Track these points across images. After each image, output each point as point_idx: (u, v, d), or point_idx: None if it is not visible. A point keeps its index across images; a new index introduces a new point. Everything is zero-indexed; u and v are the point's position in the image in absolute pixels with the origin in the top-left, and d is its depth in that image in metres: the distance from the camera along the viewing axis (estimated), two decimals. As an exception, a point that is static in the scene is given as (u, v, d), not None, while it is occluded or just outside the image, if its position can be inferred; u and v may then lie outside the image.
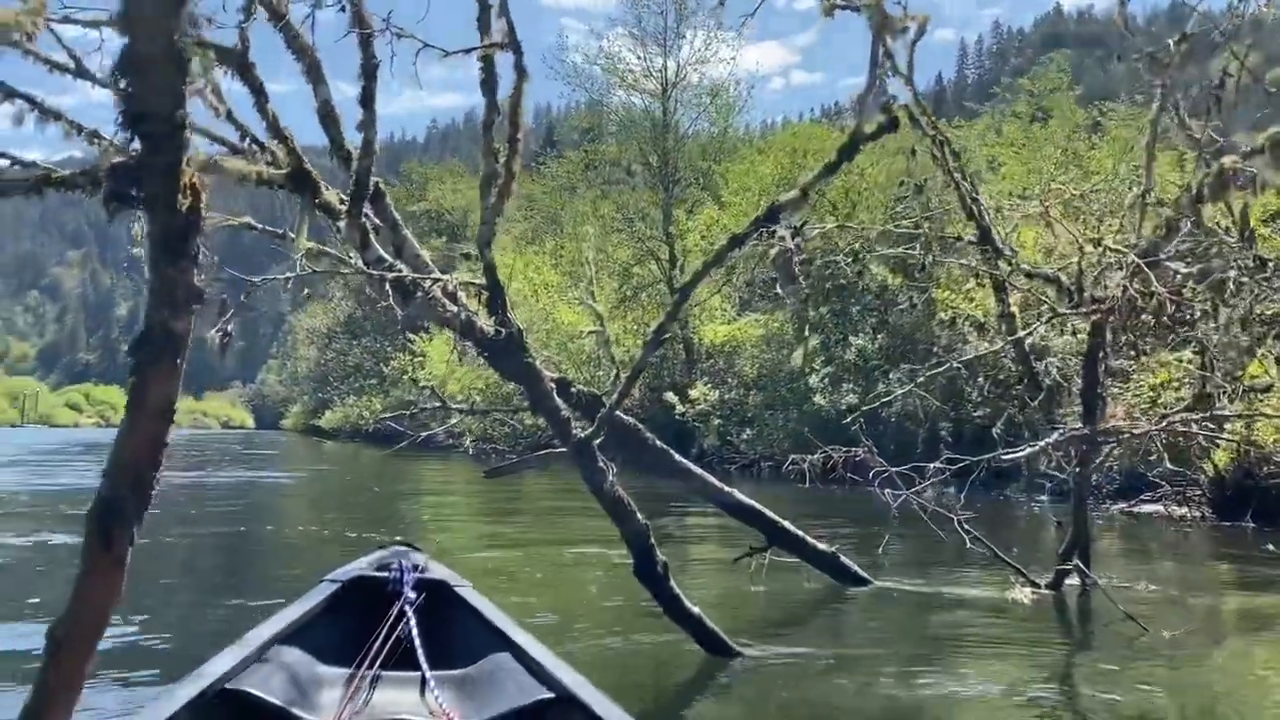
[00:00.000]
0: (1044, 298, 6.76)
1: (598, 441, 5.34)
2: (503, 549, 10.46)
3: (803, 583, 7.93)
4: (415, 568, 3.40)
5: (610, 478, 5.15)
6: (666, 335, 5.01)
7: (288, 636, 2.81)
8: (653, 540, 5.21)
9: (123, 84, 1.49)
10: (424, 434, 7.22)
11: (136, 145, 1.56)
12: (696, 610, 5.25)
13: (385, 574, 3.36)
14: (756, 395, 26.80)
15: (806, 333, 24.39)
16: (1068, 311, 6.45)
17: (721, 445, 26.95)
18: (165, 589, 7.57)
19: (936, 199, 9.07)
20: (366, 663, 2.64)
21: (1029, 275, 6.66)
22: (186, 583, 8.24)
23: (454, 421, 7.71)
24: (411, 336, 40.47)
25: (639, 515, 5.20)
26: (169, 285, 1.62)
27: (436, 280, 4.87)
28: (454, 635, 3.12)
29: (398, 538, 4.55)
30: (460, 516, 15.08)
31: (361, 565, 3.52)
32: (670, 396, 28.20)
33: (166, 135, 1.51)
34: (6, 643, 5.56)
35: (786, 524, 7.78)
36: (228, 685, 2.40)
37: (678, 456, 7.40)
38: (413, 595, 3.16)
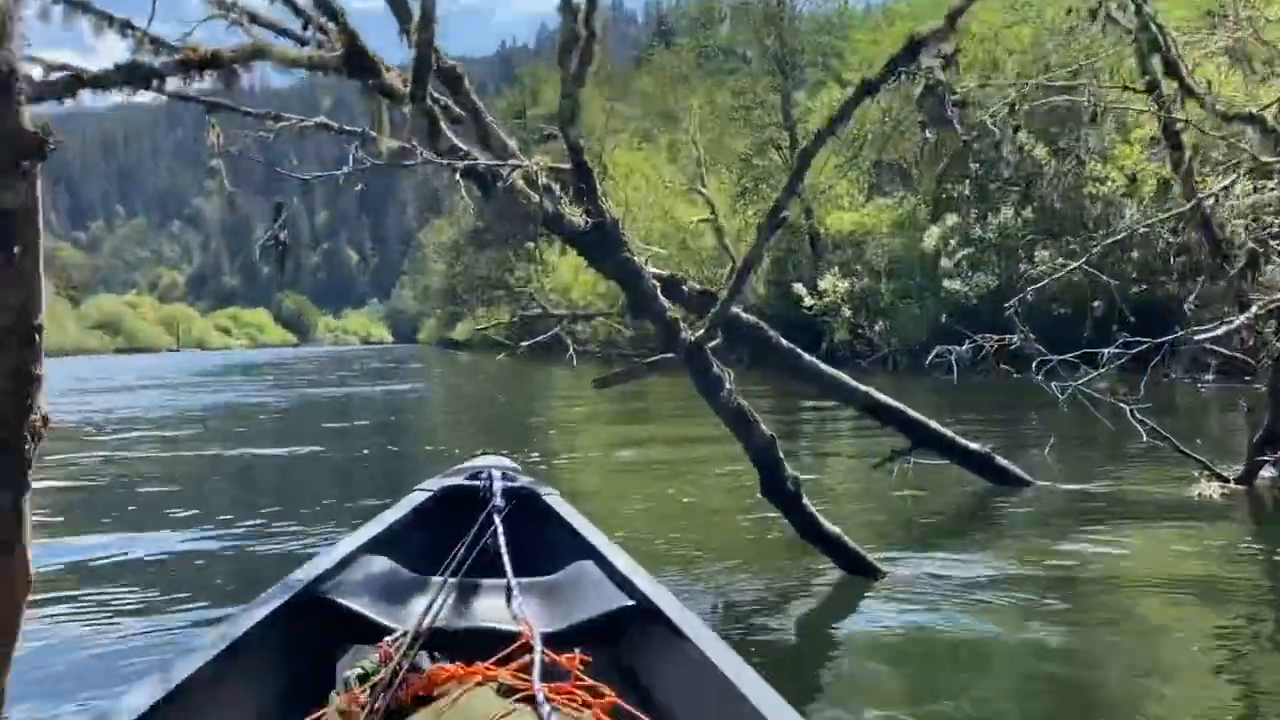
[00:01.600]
0: (1244, 145, 5.65)
1: (713, 344, 4.66)
2: (626, 459, 10.00)
3: (955, 487, 7.17)
4: (504, 476, 3.41)
5: (728, 385, 4.48)
6: (785, 213, 4.28)
7: (376, 545, 2.85)
8: (780, 454, 4.54)
9: None
10: (526, 343, 6.79)
11: None
12: (834, 529, 4.59)
13: (475, 483, 3.38)
14: (889, 284, 25.48)
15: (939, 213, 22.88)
16: (1275, 159, 5.35)
17: (853, 339, 25.88)
18: (276, 502, 7.38)
19: (1104, 36, 7.79)
20: (452, 570, 2.61)
21: (1226, 117, 5.55)
22: (295, 495, 8.06)
23: (557, 328, 7.17)
24: (531, 245, 40.31)
25: (763, 426, 4.52)
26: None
27: (516, 166, 4.23)
28: (541, 543, 3.12)
29: (489, 449, 4.42)
30: (582, 425, 14.76)
31: (453, 475, 3.55)
32: (798, 288, 27.09)
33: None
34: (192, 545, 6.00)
35: (931, 422, 7.00)
36: (315, 594, 2.43)
37: (807, 355, 6.66)
38: (501, 503, 3.17)
